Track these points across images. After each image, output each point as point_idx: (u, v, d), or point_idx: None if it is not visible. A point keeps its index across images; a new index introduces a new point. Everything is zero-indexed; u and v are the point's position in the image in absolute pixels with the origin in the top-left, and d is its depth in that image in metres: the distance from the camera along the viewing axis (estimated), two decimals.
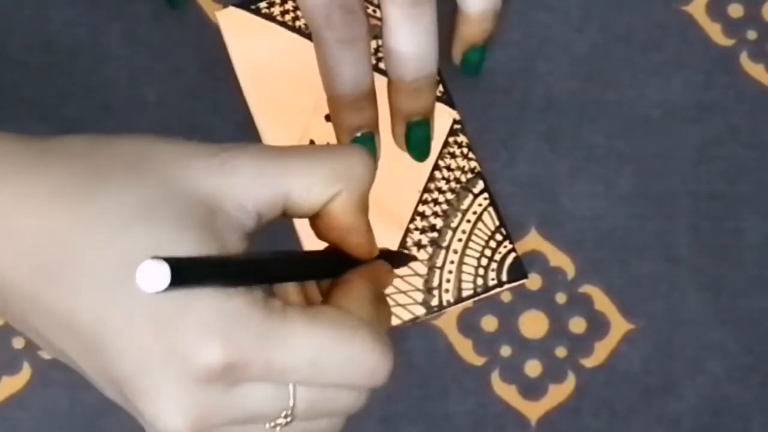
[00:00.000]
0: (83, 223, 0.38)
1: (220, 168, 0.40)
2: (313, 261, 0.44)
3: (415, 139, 0.55)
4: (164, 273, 0.35)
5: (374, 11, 0.60)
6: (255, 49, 0.60)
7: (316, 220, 0.43)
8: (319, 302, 0.44)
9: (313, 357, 0.39)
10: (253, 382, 0.39)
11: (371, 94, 0.54)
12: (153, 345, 0.38)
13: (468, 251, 0.57)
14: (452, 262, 0.57)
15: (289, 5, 0.61)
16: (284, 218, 0.42)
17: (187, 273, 0.36)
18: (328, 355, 0.40)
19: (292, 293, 0.42)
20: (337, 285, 0.43)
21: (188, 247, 0.38)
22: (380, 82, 0.54)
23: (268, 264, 0.41)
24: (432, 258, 0.57)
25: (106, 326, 0.38)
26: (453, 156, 0.59)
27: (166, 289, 0.35)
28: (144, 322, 0.38)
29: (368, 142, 0.54)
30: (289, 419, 0.40)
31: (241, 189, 0.40)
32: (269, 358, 0.39)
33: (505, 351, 0.57)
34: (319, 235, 0.44)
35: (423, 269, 0.57)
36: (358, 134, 0.54)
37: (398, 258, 0.52)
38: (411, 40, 0.52)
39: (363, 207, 0.43)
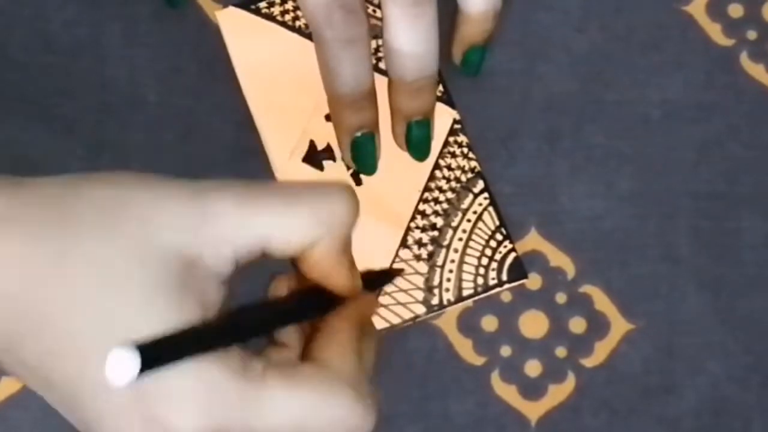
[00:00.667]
0: (58, 281, 0.38)
1: (199, 217, 0.39)
2: (295, 305, 0.43)
3: (416, 138, 0.55)
4: (133, 362, 0.35)
5: (374, 11, 0.60)
6: (255, 49, 0.60)
7: (297, 261, 0.43)
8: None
9: (294, 423, 0.39)
10: None
11: (371, 94, 0.54)
12: (130, 417, 0.38)
13: (468, 251, 0.57)
14: (453, 261, 0.57)
15: (289, 5, 0.61)
16: (264, 259, 0.42)
17: (159, 353, 0.36)
18: (309, 420, 0.40)
19: (290, 333, 0.42)
20: (319, 331, 0.43)
21: (166, 307, 0.38)
22: (380, 82, 0.54)
23: (245, 322, 0.40)
24: (433, 257, 0.57)
25: (81, 392, 0.38)
26: (453, 155, 0.59)
27: (139, 377, 0.35)
28: (120, 393, 0.38)
29: (368, 141, 0.54)
30: None
31: (220, 237, 0.40)
32: (251, 426, 0.38)
33: (505, 351, 0.57)
34: (300, 272, 0.44)
35: (424, 268, 0.57)
36: (358, 134, 0.54)
37: (383, 277, 0.51)
38: (412, 39, 0.52)
39: (345, 249, 0.43)
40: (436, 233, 0.58)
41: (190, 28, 0.61)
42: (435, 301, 0.57)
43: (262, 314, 0.42)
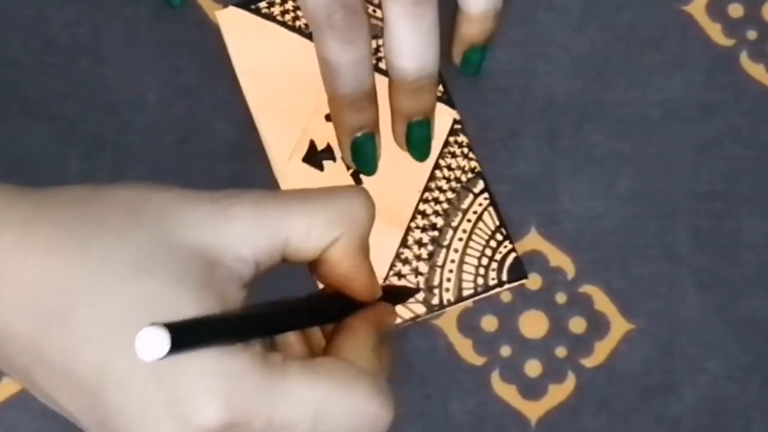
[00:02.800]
0: (82, 275, 0.39)
1: (219, 217, 0.40)
2: (314, 307, 0.44)
3: (416, 138, 0.55)
4: (163, 340, 0.35)
5: (374, 11, 0.60)
6: (255, 49, 0.60)
7: (316, 265, 0.43)
8: (322, 348, 0.44)
9: (314, 411, 0.40)
10: None
11: (372, 95, 0.54)
12: (154, 402, 0.38)
13: (468, 251, 0.57)
14: (453, 261, 0.57)
15: (289, 5, 0.61)
16: (284, 265, 0.42)
17: (186, 337, 0.37)
18: (328, 408, 0.40)
19: (294, 344, 0.43)
20: (339, 331, 0.43)
21: (187, 301, 0.38)
22: (381, 82, 0.54)
23: (268, 317, 0.41)
24: (433, 257, 0.57)
25: (106, 380, 0.38)
26: (453, 155, 0.59)
27: (166, 356, 0.35)
28: (145, 379, 0.38)
29: (369, 142, 0.54)
30: None
31: (240, 239, 0.40)
32: (270, 415, 0.39)
33: (505, 351, 0.57)
34: (320, 279, 0.44)
35: (424, 268, 0.57)
36: (359, 134, 0.54)
37: (401, 294, 0.52)
38: (412, 39, 0.52)
39: (364, 251, 0.43)
40: (436, 233, 0.58)
41: (190, 28, 0.61)
42: (435, 301, 0.57)
43: (286, 312, 0.43)
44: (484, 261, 0.57)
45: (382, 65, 0.56)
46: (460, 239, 0.58)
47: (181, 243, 0.39)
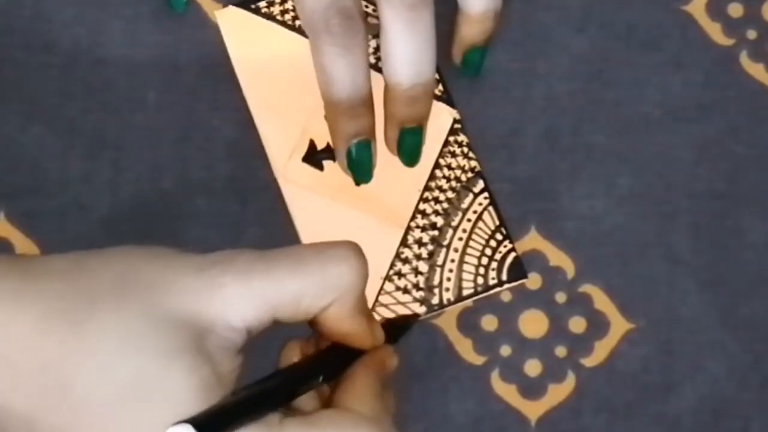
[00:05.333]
0: (75, 352, 0.38)
1: (207, 287, 0.40)
2: (318, 367, 0.44)
3: (407, 145, 0.55)
4: None
5: (374, 10, 0.60)
6: (255, 48, 0.60)
7: (313, 323, 0.43)
8: (328, 397, 0.44)
9: None
10: None
11: (368, 101, 0.53)
12: None
13: (468, 250, 0.57)
14: (453, 260, 0.57)
15: (288, 5, 0.61)
16: (278, 325, 0.42)
17: (209, 428, 0.37)
18: None
19: (304, 400, 0.42)
20: (341, 383, 0.43)
21: (181, 375, 0.38)
22: (378, 81, 0.54)
23: (277, 389, 0.41)
24: (433, 256, 0.57)
25: None
26: (453, 155, 0.59)
27: None
28: None
29: (364, 150, 0.54)
30: None
31: (229, 308, 0.40)
32: None
33: (505, 350, 0.57)
34: (319, 335, 0.44)
35: (424, 267, 0.57)
36: (354, 142, 0.53)
37: (401, 325, 0.51)
38: (408, 44, 0.52)
39: (359, 308, 0.43)
40: (436, 233, 0.58)
41: (190, 28, 0.61)
42: (435, 300, 0.57)
43: (293, 379, 0.43)
44: (484, 260, 0.57)
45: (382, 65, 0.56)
46: (460, 239, 0.58)
47: (171, 315, 0.39)
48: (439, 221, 0.58)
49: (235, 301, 0.40)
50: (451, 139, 0.59)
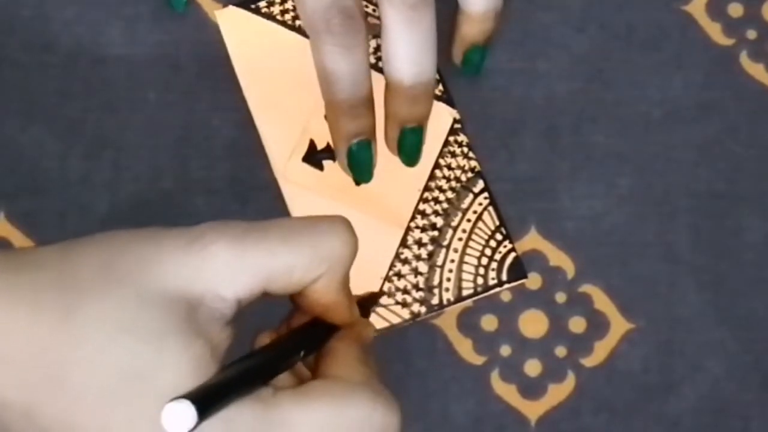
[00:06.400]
0: (67, 341, 0.38)
1: (196, 258, 0.40)
2: (300, 342, 0.44)
3: (407, 145, 0.55)
4: (189, 413, 0.36)
5: (374, 10, 0.60)
6: (255, 48, 0.60)
7: (297, 297, 0.43)
8: (309, 378, 0.44)
9: None
10: None
11: (369, 101, 0.53)
12: None
13: (468, 250, 0.57)
14: (453, 261, 0.57)
15: (289, 4, 0.61)
16: (265, 298, 0.42)
17: (206, 403, 0.37)
18: (333, 426, 0.40)
19: (283, 379, 0.42)
20: (323, 356, 0.43)
21: (175, 350, 0.38)
22: (379, 81, 0.54)
23: (265, 363, 0.41)
24: (432, 257, 0.57)
25: None
26: (453, 155, 0.59)
27: (195, 427, 0.36)
28: None
29: (365, 150, 0.54)
30: None
31: (219, 279, 0.40)
32: None
33: (505, 350, 0.57)
34: (300, 308, 0.44)
35: (424, 267, 0.57)
36: (355, 142, 0.53)
37: (370, 301, 0.52)
38: (409, 44, 0.52)
39: (345, 285, 0.43)
40: (436, 233, 0.58)
41: (190, 28, 0.61)
42: (435, 300, 0.57)
43: (279, 354, 0.43)
44: (484, 261, 0.57)
45: (382, 64, 0.56)
46: (460, 239, 0.58)
47: (159, 294, 0.39)
48: (439, 221, 0.58)
49: (225, 271, 0.40)
50: (451, 139, 0.59)
